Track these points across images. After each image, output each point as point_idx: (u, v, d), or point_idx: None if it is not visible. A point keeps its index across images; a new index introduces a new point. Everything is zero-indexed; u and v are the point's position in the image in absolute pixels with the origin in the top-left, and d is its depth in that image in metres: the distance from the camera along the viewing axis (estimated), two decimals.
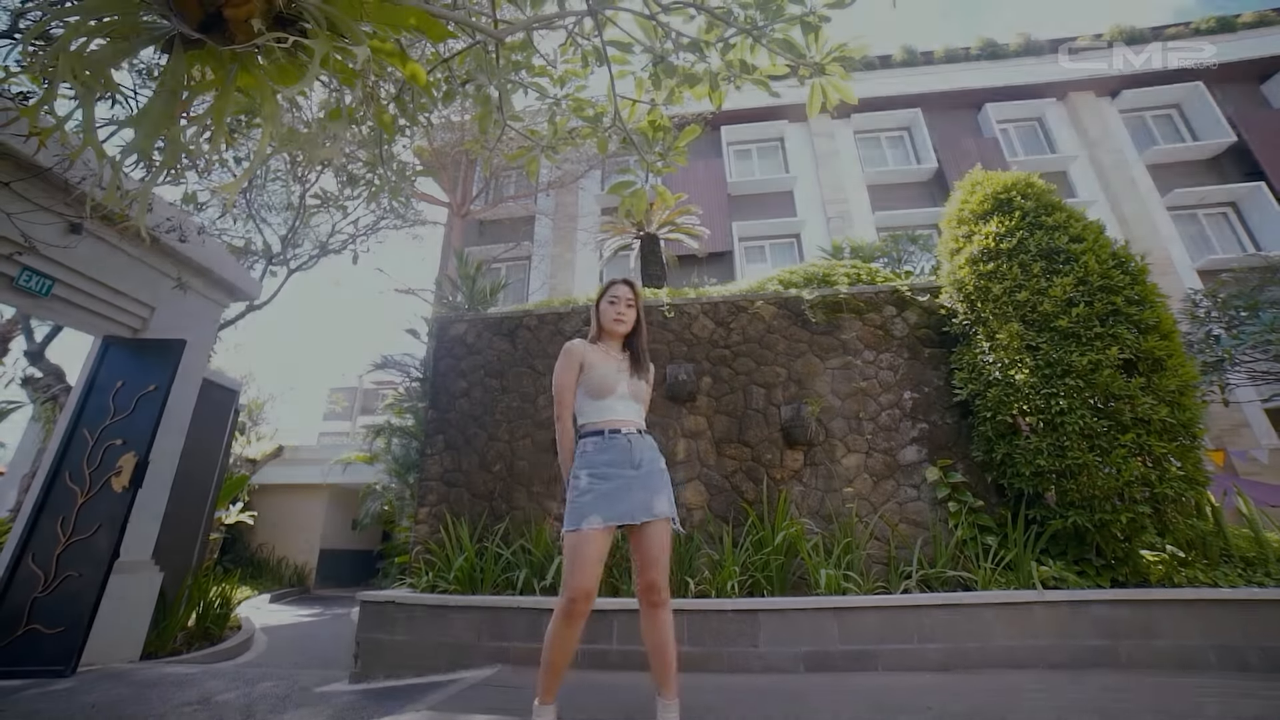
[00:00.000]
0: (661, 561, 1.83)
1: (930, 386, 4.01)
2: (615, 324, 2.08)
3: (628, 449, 1.90)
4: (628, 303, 2.10)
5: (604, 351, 2.07)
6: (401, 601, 3.29)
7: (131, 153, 1.46)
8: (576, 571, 1.74)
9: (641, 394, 2.04)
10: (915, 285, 4.29)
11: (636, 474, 1.87)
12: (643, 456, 1.92)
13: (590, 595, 1.74)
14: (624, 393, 1.98)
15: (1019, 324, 3.31)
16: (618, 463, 1.88)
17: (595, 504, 1.81)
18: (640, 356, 2.09)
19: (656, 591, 1.80)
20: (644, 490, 1.86)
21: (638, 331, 2.12)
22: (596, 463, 1.88)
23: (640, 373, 2.06)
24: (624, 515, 1.81)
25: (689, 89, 3.50)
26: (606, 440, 1.91)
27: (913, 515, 3.69)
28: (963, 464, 3.74)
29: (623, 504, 1.82)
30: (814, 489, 3.83)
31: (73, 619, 3.36)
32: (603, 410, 1.96)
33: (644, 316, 2.16)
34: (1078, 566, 2.98)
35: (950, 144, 13.36)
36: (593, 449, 1.91)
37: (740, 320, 4.26)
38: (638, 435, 1.95)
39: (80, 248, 3.67)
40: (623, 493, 1.83)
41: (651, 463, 1.93)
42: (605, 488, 1.84)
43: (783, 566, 3.39)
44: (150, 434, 3.83)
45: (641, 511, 1.83)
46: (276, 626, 7.09)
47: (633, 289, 2.14)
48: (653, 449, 1.97)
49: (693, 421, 4.04)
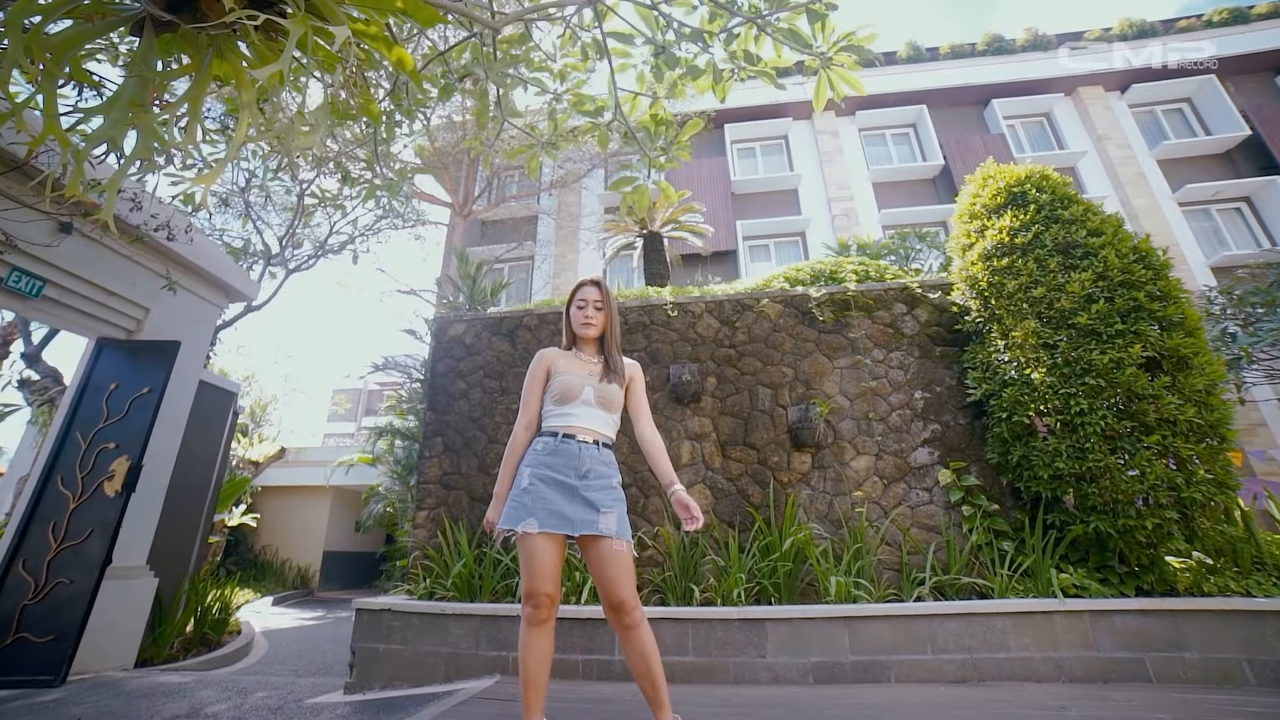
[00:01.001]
0: (621, 580, 1.69)
1: (942, 386, 3.89)
2: (584, 328, 1.96)
3: (575, 456, 1.79)
4: (595, 305, 1.98)
5: (575, 357, 1.98)
6: (398, 609, 3.20)
7: (97, 141, 1.37)
8: (531, 575, 1.67)
9: (612, 400, 1.90)
10: (926, 282, 4.17)
11: (579, 484, 1.76)
12: (591, 468, 1.79)
13: (553, 599, 1.67)
14: (589, 399, 1.86)
15: (1035, 321, 3.18)
16: (562, 467, 1.78)
17: (532, 507, 1.72)
18: (610, 359, 1.96)
19: (625, 611, 1.68)
20: (585, 504, 1.74)
21: (609, 333, 1.99)
22: (540, 464, 1.79)
23: (611, 376, 1.92)
24: (562, 524, 1.71)
25: (692, 82, 3.39)
26: (557, 444, 1.82)
27: (925, 520, 3.58)
28: (976, 466, 3.62)
29: (562, 512, 1.72)
30: (822, 492, 3.71)
31: (63, 627, 3.29)
32: (563, 416, 1.87)
33: (615, 315, 2.03)
34: (1099, 574, 2.86)
35: (957, 141, 13.20)
36: (541, 449, 1.83)
37: (746, 319, 4.15)
38: (591, 446, 1.82)
39: (71, 248, 3.60)
40: (562, 500, 1.73)
41: (601, 477, 1.79)
42: (543, 490, 1.74)
43: (791, 573, 3.28)
44: (144, 437, 3.76)
45: (583, 524, 1.71)
46: (278, 630, 7.03)
47: (600, 289, 2.01)
48: (607, 464, 1.84)
49: (697, 423, 3.93)
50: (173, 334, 4.21)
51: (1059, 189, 3.51)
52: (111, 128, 1.40)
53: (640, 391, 2.02)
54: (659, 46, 3.29)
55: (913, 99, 14.13)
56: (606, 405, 1.88)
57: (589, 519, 1.71)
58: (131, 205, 3.38)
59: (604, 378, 1.91)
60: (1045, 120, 13.84)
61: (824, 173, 13.74)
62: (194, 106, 1.54)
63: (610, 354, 1.97)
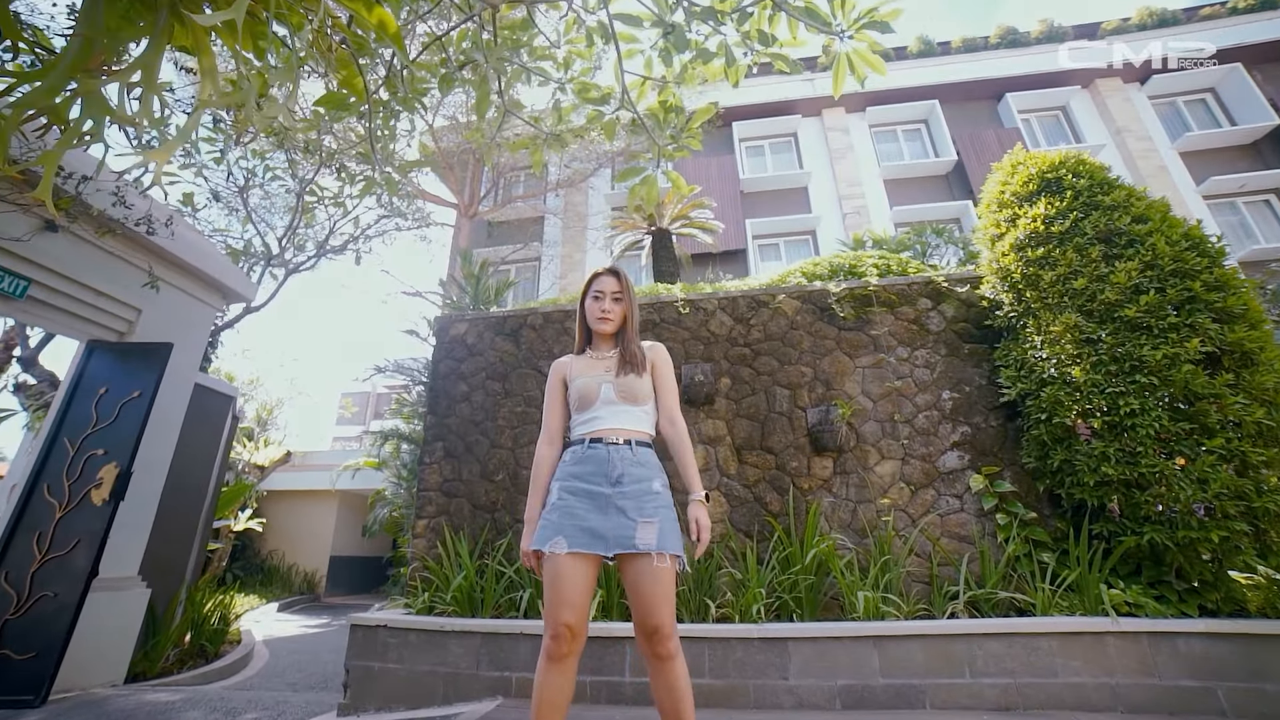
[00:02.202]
0: (660, 603, 1.47)
1: (971, 386, 3.66)
2: (600, 322, 1.77)
3: (604, 460, 1.59)
4: (614, 296, 1.79)
5: (589, 359, 1.79)
6: (394, 625, 3.02)
7: (29, 108, 1.20)
8: (553, 602, 1.46)
9: (636, 391, 1.69)
10: (952, 276, 3.94)
11: (612, 492, 1.56)
12: (624, 472, 1.58)
13: (575, 632, 1.45)
14: (608, 397, 1.67)
15: (1076, 314, 2.95)
16: (591, 476, 1.58)
17: (560, 523, 1.52)
18: (628, 349, 1.75)
19: (660, 640, 1.46)
20: (623, 515, 1.53)
21: (628, 325, 1.79)
22: (569, 475, 1.61)
23: (630, 367, 1.71)
24: (594, 542, 1.50)
25: (702, 65, 3.19)
26: (584, 451, 1.63)
27: (956, 528, 3.34)
28: (1010, 471, 3.38)
29: (594, 528, 1.52)
30: (845, 500, 3.49)
31: (45, 643, 3.13)
32: (587, 422, 1.68)
33: (635, 308, 1.82)
34: (1155, 590, 2.61)
35: (970, 136, 12.92)
36: (569, 459, 1.65)
37: (761, 316, 3.94)
38: (622, 446, 1.62)
39: (58, 246, 3.46)
40: (594, 513, 1.53)
41: (638, 480, 1.58)
42: (573, 504, 1.55)
43: (813, 587, 3.06)
44: (134, 443, 3.61)
45: (618, 541, 1.50)
46: (280, 639, 6.89)
47: (619, 278, 1.81)
48: (644, 464, 1.62)
49: (711, 426, 3.72)
50: (166, 336, 4.07)
51: (1097, 174, 3.27)
52: (47, 94, 1.22)
53: (664, 376, 1.79)
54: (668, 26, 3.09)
55: (924, 94, 13.86)
56: (631, 398, 1.68)
57: (624, 534, 1.51)
58: (115, 200, 3.23)
59: (621, 370, 1.71)
60: (1062, 114, 13.50)
61: (834, 170, 13.50)
62: (149, 74, 1.36)
63: (626, 344, 1.77)
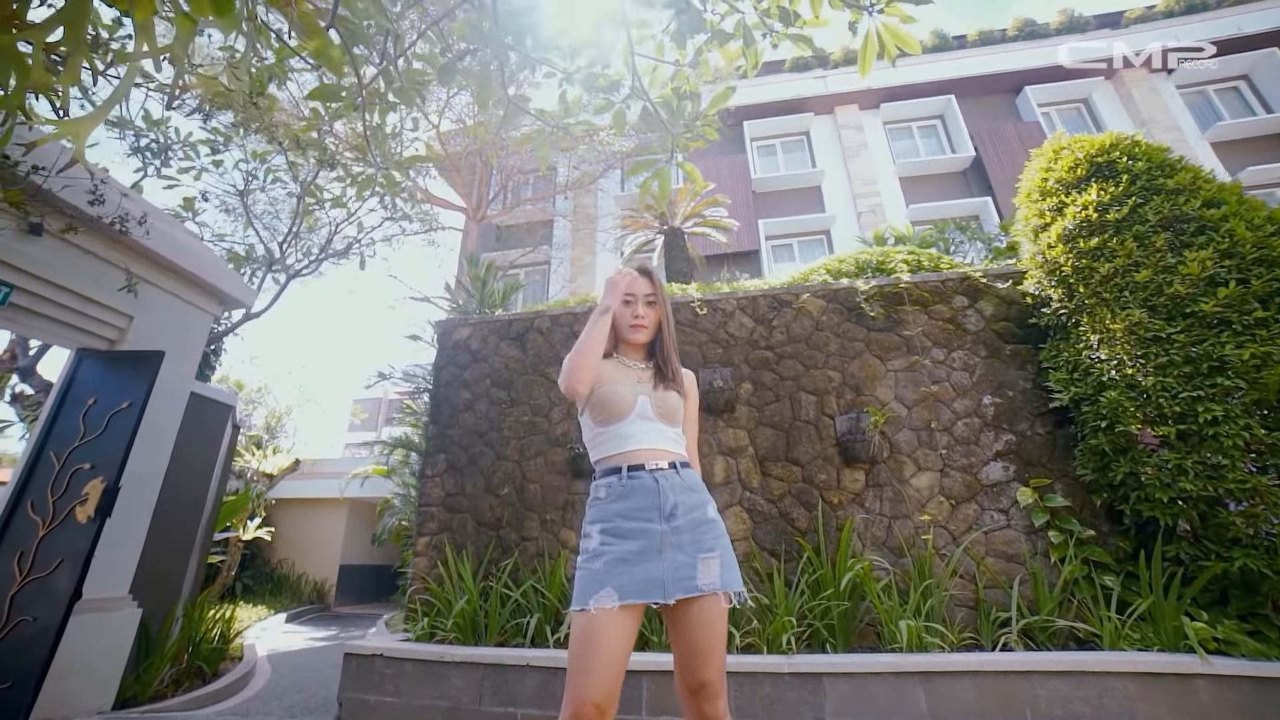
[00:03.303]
0: (715, 652, 1.24)
1: (1015, 390, 3.36)
2: (634, 331, 1.53)
3: (653, 491, 1.34)
4: (647, 299, 1.54)
5: (616, 363, 1.54)
6: (391, 655, 2.78)
7: None
8: (584, 674, 1.18)
9: (673, 409, 1.47)
10: (990, 271, 3.65)
11: (668, 528, 1.31)
12: (678, 501, 1.35)
13: (602, 711, 1.17)
14: (645, 411, 1.43)
15: (1140, 310, 2.65)
16: (640, 513, 1.33)
17: (609, 572, 1.26)
18: (666, 362, 1.53)
19: (710, 696, 1.23)
20: (680, 551, 1.30)
21: (664, 334, 1.55)
22: (611, 514, 1.34)
23: (668, 381, 1.49)
24: (650, 589, 1.25)
25: (718, 48, 2.94)
26: (625, 481, 1.36)
27: (1003, 547, 3.04)
28: (1062, 484, 3.07)
29: (649, 573, 1.27)
30: (880, 515, 3.20)
31: (23, 672, 2.94)
32: (619, 439, 1.41)
33: (670, 313, 1.59)
34: (1248, 625, 2.30)
35: (988, 130, 12.56)
36: (606, 494, 1.37)
37: (784, 316, 3.67)
38: (670, 471, 1.38)
39: (42, 251, 3.29)
40: (648, 556, 1.28)
41: (692, 510, 1.35)
42: (623, 549, 1.29)
43: (847, 613, 2.78)
44: (121, 456, 3.42)
45: (678, 584, 1.26)
46: (285, 653, 6.70)
47: (651, 279, 1.57)
48: (694, 489, 1.40)
49: (731, 436, 3.45)
50: (160, 343, 3.89)
51: (1156, 155, 2.97)
52: None
53: (694, 412, 1.59)
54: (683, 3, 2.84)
55: (940, 89, 13.53)
56: (669, 416, 1.45)
57: (684, 574, 1.27)
58: (91, 198, 3.06)
59: (659, 384, 1.48)
60: (1083, 106, 13.08)
61: (848, 168, 13.20)
62: (73, 30, 1.15)
63: (666, 357, 1.53)
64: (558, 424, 3.67)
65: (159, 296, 3.98)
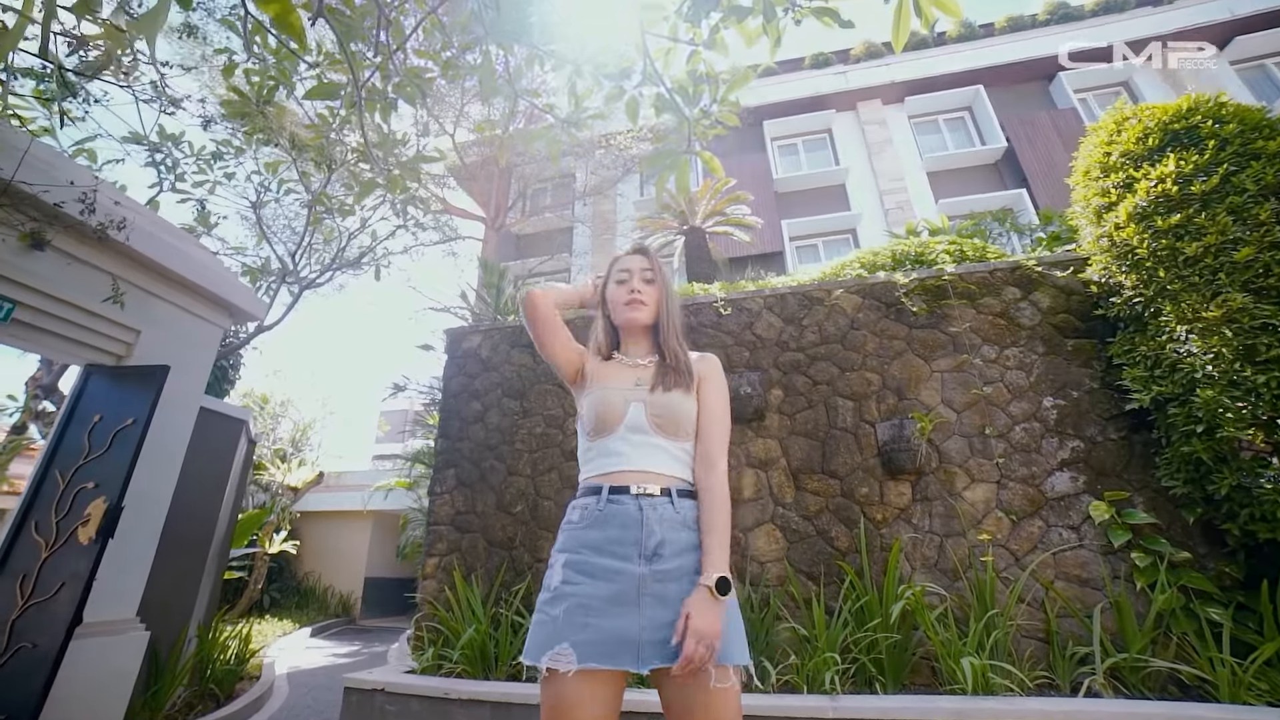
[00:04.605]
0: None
1: (1080, 390, 2.99)
2: (630, 309, 1.25)
3: (633, 522, 1.06)
4: (644, 276, 1.29)
5: (616, 363, 1.27)
6: (394, 690, 2.57)
7: None
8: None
9: (679, 417, 1.15)
10: (1045, 259, 3.29)
11: (649, 571, 1.03)
12: (665, 538, 1.05)
13: None
14: (637, 422, 1.14)
15: (1241, 294, 2.27)
16: (615, 547, 1.05)
17: (569, 623, 0.99)
18: (671, 354, 1.24)
19: None
20: (662, 606, 1.00)
21: (665, 317, 1.28)
22: (581, 543, 1.07)
23: (673, 378, 1.19)
24: (619, 652, 0.97)
25: (735, 26, 2.69)
26: (603, 506, 1.09)
27: (1075, 569, 2.67)
28: (1144, 497, 2.69)
29: (620, 629, 0.98)
30: (929, 533, 2.86)
31: (19, 702, 2.81)
32: (605, 456, 1.14)
33: (673, 293, 1.32)
34: None
35: (1020, 120, 12.04)
36: (580, 518, 1.11)
37: (815, 315, 3.37)
38: (661, 500, 1.09)
39: (45, 265, 3.22)
40: (621, 607, 1.00)
41: (684, 551, 1.05)
42: (589, 592, 1.01)
43: (897, 646, 2.46)
44: (125, 475, 3.31)
45: (655, 649, 0.97)
46: (305, 671, 6.59)
47: (647, 256, 1.33)
48: (691, 526, 1.09)
49: (761, 447, 3.16)
50: (167, 358, 3.81)
51: (1250, 116, 2.59)
52: None
53: (713, 399, 1.21)
54: None
55: (966, 80, 13.06)
56: (669, 428, 1.14)
57: (666, 635, 0.97)
58: (82, 207, 2.97)
59: (658, 383, 1.18)
60: (1124, 89, 12.41)
61: (873, 165, 12.81)
62: None
63: (666, 345, 1.25)
64: (573, 436, 3.43)
65: (165, 310, 3.91)
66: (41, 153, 3.04)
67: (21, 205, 2.80)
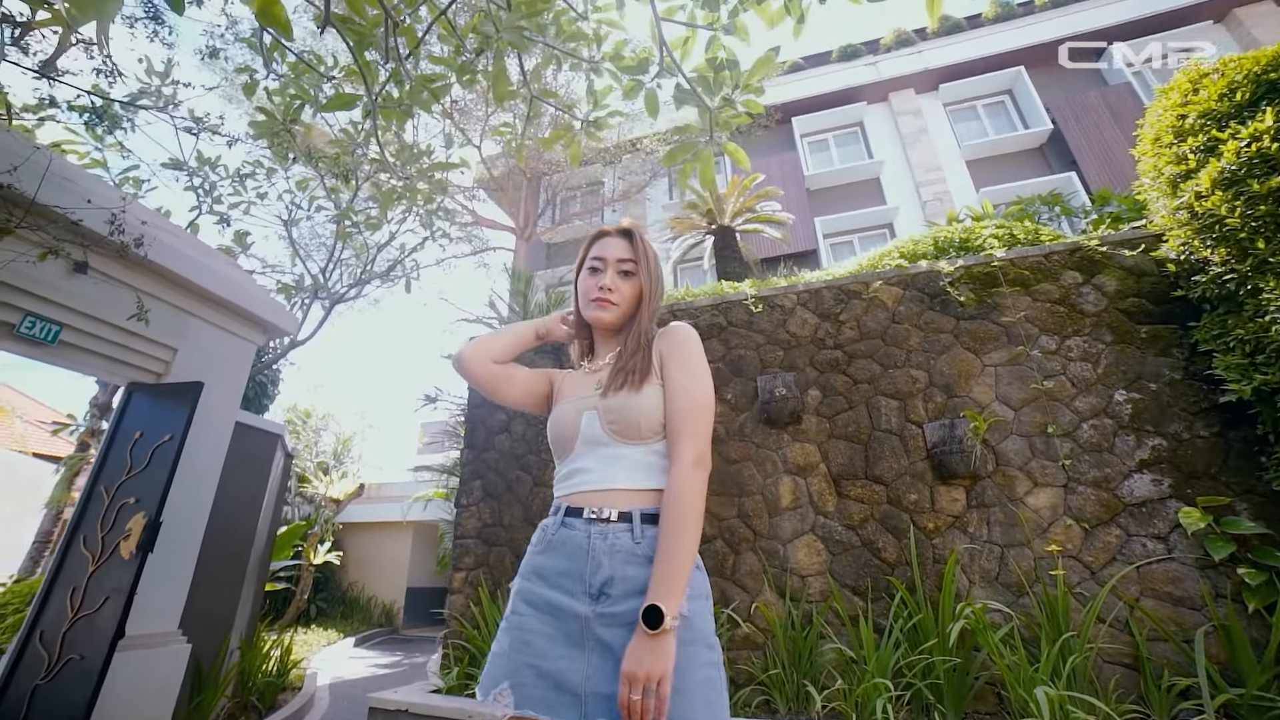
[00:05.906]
0: None
1: (1159, 382, 2.66)
2: (595, 309, 1.06)
3: (580, 552, 0.91)
4: (620, 267, 1.08)
5: (584, 373, 1.11)
6: (417, 711, 2.48)
7: None
8: None
9: (635, 415, 0.96)
10: (1109, 238, 2.97)
11: (594, 613, 0.87)
12: (614, 574, 0.88)
13: None
14: (591, 434, 0.98)
15: None
16: (560, 580, 0.91)
17: (511, 660, 0.86)
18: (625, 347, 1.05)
19: None
20: (607, 656, 0.83)
21: (642, 311, 1.07)
22: (532, 569, 0.95)
23: (620, 376, 1.00)
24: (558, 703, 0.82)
25: (755, 7, 2.53)
26: (554, 531, 0.95)
27: (1164, 585, 2.35)
28: (1249, 503, 2.35)
29: (561, 675, 0.83)
30: (988, 543, 2.59)
31: (68, 714, 2.87)
32: (567, 476, 1.00)
33: (657, 284, 1.10)
34: None
35: (1067, 100, 11.34)
36: (537, 540, 0.98)
37: (853, 309, 3.15)
38: (617, 526, 0.91)
39: (88, 288, 3.34)
40: (565, 649, 0.85)
41: (636, 592, 0.86)
42: (532, 626, 0.88)
43: (958, 671, 2.21)
44: (163, 490, 3.38)
45: (598, 704, 0.81)
46: (347, 682, 6.67)
47: (631, 241, 1.10)
48: (649, 560, 0.88)
49: (799, 452, 2.95)
50: (202, 374, 3.90)
51: None
52: None
53: (677, 376, 0.99)
54: None
55: (1005, 61, 12.42)
56: (629, 431, 0.96)
57: (609, 689, 0.81)
58: (112, 228, 3.06)
59: (610, 384, 1.01)
60: (1185, 58, 11.53)
61: (908, 156, 12.31)
62: None
63: (632, 337, 1.05)
64: None
65: (200, 328, 4.01)
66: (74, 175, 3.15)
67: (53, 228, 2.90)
